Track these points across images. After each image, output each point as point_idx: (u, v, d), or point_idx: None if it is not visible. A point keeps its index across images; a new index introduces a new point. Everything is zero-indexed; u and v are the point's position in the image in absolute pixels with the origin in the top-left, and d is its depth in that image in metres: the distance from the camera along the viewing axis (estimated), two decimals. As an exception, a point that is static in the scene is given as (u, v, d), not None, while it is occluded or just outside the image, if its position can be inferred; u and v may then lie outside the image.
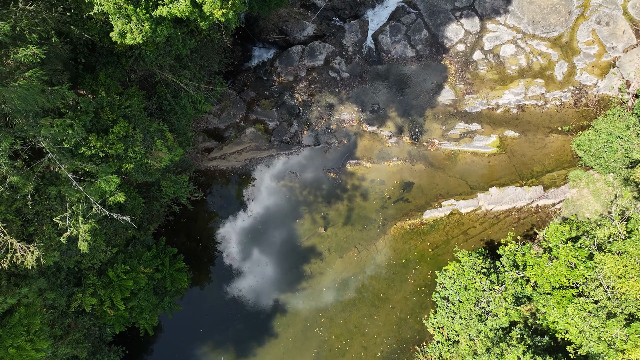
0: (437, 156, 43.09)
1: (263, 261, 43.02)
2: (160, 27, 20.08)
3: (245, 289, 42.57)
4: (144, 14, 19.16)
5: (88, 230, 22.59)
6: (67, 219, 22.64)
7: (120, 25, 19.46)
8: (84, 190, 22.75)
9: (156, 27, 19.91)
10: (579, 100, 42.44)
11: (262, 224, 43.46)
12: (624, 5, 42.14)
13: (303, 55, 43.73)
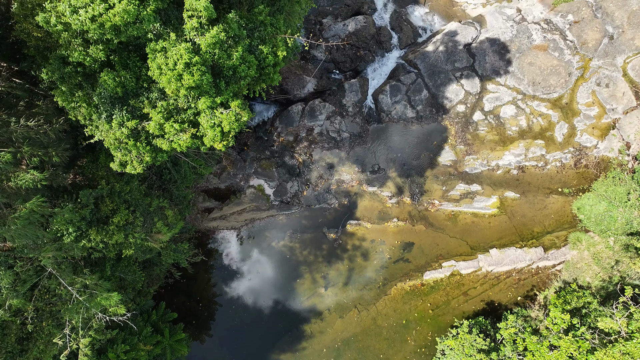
0: (437, 217, 43.05)
1: (263, 321, 42.91)
2: (161, 154, 20.01)
3: (246, 349, 42.47)
4: (144, 147, 19.09)
5: (88, 345, 22.47)
6: (67, 335, 22.52)
7: (121, 156, 19.38)
8: (84, 301, 22.64)
9: (156, 155, 19.84)
10: (579, 162, 42.45)
11: (262, 284, 43.39)
12: (624, 67, 42.17)
13: (303, 115, 43.69)
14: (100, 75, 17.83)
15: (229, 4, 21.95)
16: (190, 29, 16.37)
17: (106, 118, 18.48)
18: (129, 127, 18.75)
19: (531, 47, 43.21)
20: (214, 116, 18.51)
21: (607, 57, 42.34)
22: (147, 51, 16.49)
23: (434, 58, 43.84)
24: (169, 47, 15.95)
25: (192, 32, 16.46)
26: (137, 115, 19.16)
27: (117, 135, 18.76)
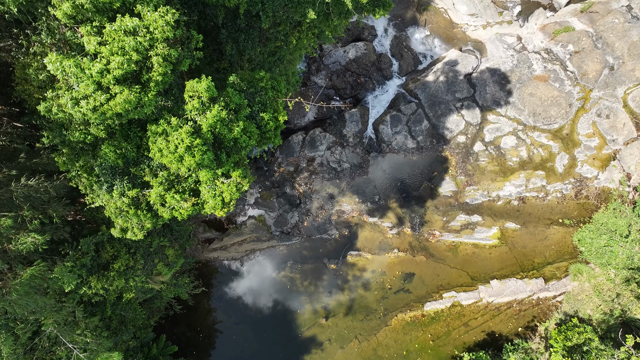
0: (438, 247, 43.02)
1: (264, 351, 42.86)
2: (162, 219, 19.96)
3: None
4: (144, 215, 19.05)
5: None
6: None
7: (122, 223, 19.34)
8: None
9: (157, 220, 19.81)
10: (580, 193, 42.42)
11: (262, 314, 43.33)
12: (624, 98, 42.15)
13: (304, 145, 43.65)
14: (102, 147, 17.80)
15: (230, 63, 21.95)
16: (191, 109, 16.34)
17: (107, 189, 18.45)
18: (130, 197, 18.72)
19: (532, 77, 43.20)
20: (215, 186, 18.48)
21: (607, 88, 42.32)
22: (149, 134, 16.47)
23: (435, 88, 43.82)
24: (170, 132, 15.93)
25: (193, 112, 16.42)
26: (137, 184, 19.13)
27: (118, 204, 18.72)
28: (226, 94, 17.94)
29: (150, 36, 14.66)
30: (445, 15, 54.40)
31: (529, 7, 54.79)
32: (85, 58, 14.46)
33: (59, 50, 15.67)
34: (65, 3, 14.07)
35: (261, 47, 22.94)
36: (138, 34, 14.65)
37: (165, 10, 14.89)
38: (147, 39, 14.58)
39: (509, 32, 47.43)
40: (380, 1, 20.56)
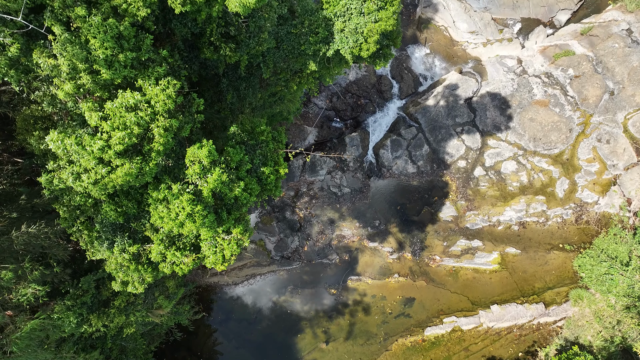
0: (438, 272, 43.02)
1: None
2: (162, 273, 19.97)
3: (247, 407, 42.43)
4: (145, 270, 19.06)
5: None
6: None
7: (122, 277, 19.34)
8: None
9: (157, 273, 19.81)
10: (580, 218, 42.43)
11: (263, 338, 43.31)
12: (625, 124, 42.17)
13: (304, 170, 43.66)
14: (102, 206, 17.81)
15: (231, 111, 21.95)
16: (192, 174, 16.34)
17: (108, 246, 18.45)
18: (131, 252, 18.72)
19: (532, 102, 43.22)
20: (216, 242, 18.49)
21: (607, 113, 42.34)
22: (149, 201, 16.48)
23: (435, 113, 43.83)
24: (171, 199, 15.93)
25: (194, 176, 16.43)
26: (138, 239, 19.13)
27: (119, 260, 18.73)
28: (227, 153, 17.95)
29: (151, 110, 14.66)
30: (445, 33, 54.47)
31: (529, 25, 54.90)
32: (86, 135, 14.47)
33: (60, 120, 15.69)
34: (67, 84, 14.08)
35: (262, 92, 22.95)
36: (139, 108, 14.67)
37: (166, 83, 14.91)
38: (148, 113, 14.60)
39: (510, 54, 47.45)
40: (381, 53, 20.60)
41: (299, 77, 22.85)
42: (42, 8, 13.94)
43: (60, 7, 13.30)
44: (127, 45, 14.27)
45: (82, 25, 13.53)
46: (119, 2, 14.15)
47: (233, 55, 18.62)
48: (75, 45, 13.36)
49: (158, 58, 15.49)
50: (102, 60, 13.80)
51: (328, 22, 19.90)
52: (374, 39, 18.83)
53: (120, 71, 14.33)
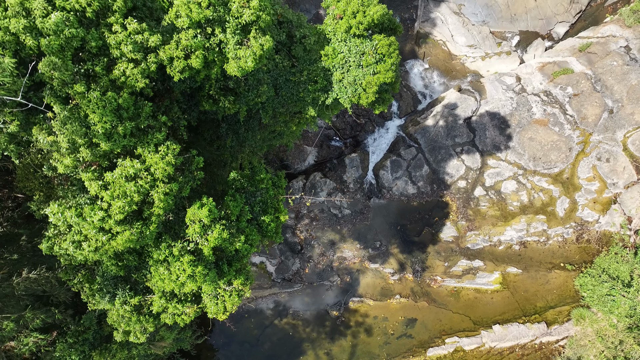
0: (440, 293, 43.03)
1: (267, 399, 42.90)
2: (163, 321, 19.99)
3: None
4: (147, 320, 19.07)
5: None
6: None
7: (124, 327, 19.36)
8: None
9: (159, 322, 19.82)
10: (581, 237, 42.43)
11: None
12: (624, 142, 42.16)
13: (304, 192, 43.64)
14: (103, 261, 17.83)
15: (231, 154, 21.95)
16: (192, 233, 16.36)
17: (109, 299, 18.46)
18: (132, 304, 18.73)
19: (531, 121, 43.22)
20: (217, 294, 18.50)
21: (607, 131, 42.33)
22: (150, 262, 16.51)
23: (434, 133, 43.84)
24: (172, 261, 15.95)
25: (194, 235, 16.44)
26: (139, 290, 19.15)
27: (121, 312, 18.74)
28: (227, 206, 17.96)
29: (151, 177, 14.70)
30: (443, 47, 54.52)
31: (528, 38, 54.95)
32: (86, 206, 14.50)
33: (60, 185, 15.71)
34: (67, 158, 14.10)
35: (261, 133, 22.97)
36: (139, 176, 14.70)
37: (165, 149, 14.94)
38: (148, 181, 14.63)
39: (508, 72, 47.42)
40: (381, 98, 20.61)
41: (298, 118, 22.88)
42: (41, 85, 13.96)
43: (60, 85, 13.32)
44: (126, 115, 14.30)
45: (82, 101, 13.55)
46: (118, 75, 14.18)
47: (232, 106, 18.64)
48: (75, 122, 13.39)
49: (157, 124, 15.52)
50: (102, 134, 13.84)
51: (327, 72, 19.92)
52: (372, 90, 18.87)
53: (119, 142, 14.36)
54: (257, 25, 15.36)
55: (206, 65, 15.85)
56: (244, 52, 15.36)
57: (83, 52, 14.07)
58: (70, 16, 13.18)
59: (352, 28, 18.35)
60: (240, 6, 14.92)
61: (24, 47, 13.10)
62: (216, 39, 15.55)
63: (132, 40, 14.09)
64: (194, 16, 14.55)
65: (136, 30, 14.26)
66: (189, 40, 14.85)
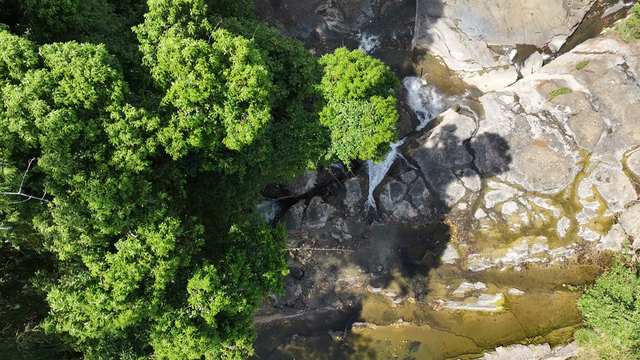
0: (442, 316, 43.05)
1: None
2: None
3: None
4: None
5: None
6: None
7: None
8: None
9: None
10: (583, 257, 42.44)
11: (269, 387, 43.39)
12: (623, 161, 42.16)
13: (305, 217, 43.68)
14: (106, 328, 17.86)
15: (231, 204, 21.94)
16: (194, 302, 16.38)
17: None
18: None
19: (530, 142, 43.22)
20: (220, 354, 18.50)
21: (606, 151, 42.33)
22: (152, 335, 16.52)
23: (434, 155, 43.84)
24: (175, 334, 15.97)
25: (196, 304, 16.46)
26: (142, 350, 19.14)
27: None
28: (228, 269, 17.97)
29: (152, 257, 14.73)
30: (441, 63, 54.56)
31: (525, 51, 54.98)
32: (88, 291, 14.52)
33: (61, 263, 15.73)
34: (67, 246, 14.13)
35: (260, 181, 22.98)
36: (140, 256, 14.73)
37: (166, 226, 14.95)
38: (149, 260, 14.66)
39: (506, 91, 47.40)
40: (380, 150, 20.61)
41: (297, 166, 22.89)
42: (41, 175, 13.97)
43: (59, 177, 13.33)
44: (126, 196, 14.33)
45: (81, 190, 13.57)
46: (117, 162, 14.19)
47: (231, 167, 18.65)
48: (75, 212, 13.41)
49: (157, 201, 15.54)
50: (102, 221, 13.87)
51: (325, 129, 19.94)
52: (371, 149, 18.90)
53: (119, 225, 14.40)
54: (255, 100, 15.37)
55: (205, 139, 15.86)
56: (243, 127, 15.37)
57: (82, 141, 14.08)
58: (69, 111, 13.19)
59: (349, 92, 18.36)
60: (237, 85, 14.93)
61: (23, 143, 13.12)
62: (214, 113, 15.55)
63: (131, 126, 14.10)
64: (192, 99, 14.55)
65: (134, 117, 14.27)
66: (187, 122, 14.85)
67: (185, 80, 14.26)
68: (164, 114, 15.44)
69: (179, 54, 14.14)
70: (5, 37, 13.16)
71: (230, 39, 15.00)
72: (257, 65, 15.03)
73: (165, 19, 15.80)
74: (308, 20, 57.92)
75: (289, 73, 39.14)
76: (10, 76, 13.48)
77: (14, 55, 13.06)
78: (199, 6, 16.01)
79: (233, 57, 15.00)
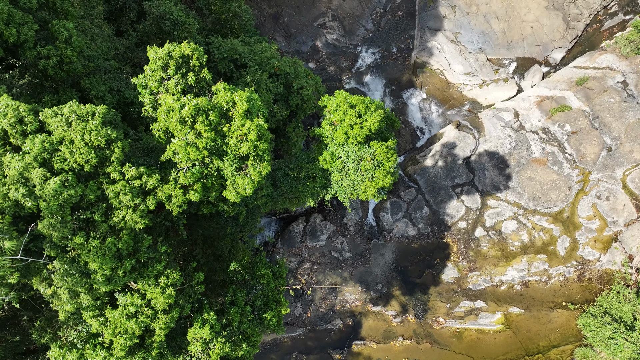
0: (442, 334, 43.06)
1: None
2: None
3: None
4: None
5: None
6: None
7: None
8: None
9: None
10: (583, 275, 42.45)
11: (270, 405, 43.39)
12: (623, 180, 42.17)
13: (305, 235, 43.68)
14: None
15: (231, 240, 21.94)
16: (194, 351, 16.38)
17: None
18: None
19: (530, 160, 43.22)
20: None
21: (606, 170, 42.34)
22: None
23: (434, 173, 43.84)
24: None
25: (197, 352, 16.46)
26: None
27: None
28: (228, 314, 17.97)
29: (152, 311, 14.74)
30: (441, 76, 54.64)
31: (525, 64, 55.06)
32: (88, 349, 14.53)
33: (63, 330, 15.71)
34: (67, 305, 14.14)
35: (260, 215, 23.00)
36: (140, 312, 14.74)
37: (166, 280, 14.96)
38: (149, 315, 14.67)
39: (506, 107, 47.39)
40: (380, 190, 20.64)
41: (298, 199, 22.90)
42: (42, 236, 13.98)
43: (59, 239, 13.35)
44: (126, 252, 14.34)
45: (81, 251, 13.59)
46: (117, 222, 14.20)
47: (231, 210, 18.66)
48: (75, 274, 13.42)
49: (157, 255, 15.55)
50: (102, 281, 13.88)
51: (325, 170, 19.95)
52: (371, 192, 18.91)
53: (119, 282, 14.42)
54: (254, 153, 15.38)
55: (205, 190, 15.86)
56: (242, 181, 15.37)
57: (82, 202, 14.08)
58: (69, 176, 13.21)
59: (349, 139, 18.37)
60: (238, 141, 14.93)
61: (23, 208, 13.13)
62: (214, 166, 15.55)
63: (131, 186, 14.12)
64: (192, 157, 14.56)
65: (134, 176, 14.28)
66: (188, 179, 14.87)
67: (186, 139, 14.28)
68: (164, 167, 15.43)
69: (178, 113, 14.14)
70: (6, 103, 13.16)
71: (230, 95, 14.99)
72: (257, 119, 15.01)
73: (165, 71, 15.81)
74: (308, 33, 57.90)
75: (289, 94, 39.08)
76: (11, 142, 13.49)
77: (15, 123, 13.06)
78: (199, 57, 16.02)
79: (233, 111, 15.01)
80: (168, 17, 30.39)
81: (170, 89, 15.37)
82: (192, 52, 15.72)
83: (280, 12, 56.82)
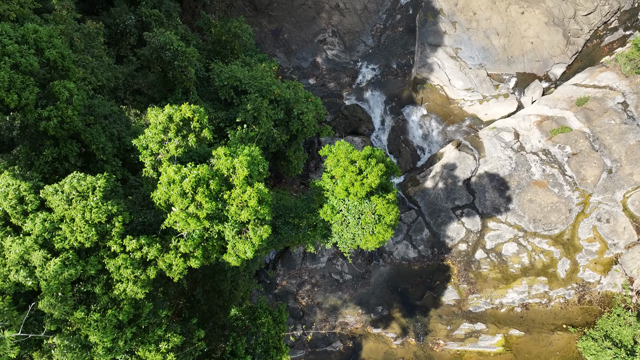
0: (442, 356, 43.05)
1: None
2: None
3: None
4: None
5: None
6: None
7: None
8: None
9: None
10: (583, 298, 42.46)
11: None
12: (624, 202, 42.16)
13: (305, 257, 43.67)
14: None
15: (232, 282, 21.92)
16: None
17: None
18: None
19: (530, 182, 43.21)
20: None
21: (606, 192, 42.33)
22: None
23: (434, 195, 43.83)
24: None
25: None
26: None
27: None
28: None
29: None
30: (441, 92, 54.59)
31: (525, 79, 55.05)
32: None
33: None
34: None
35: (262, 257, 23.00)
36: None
37: (166, 345, 14.93)
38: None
39: (506, 127, 47.32)
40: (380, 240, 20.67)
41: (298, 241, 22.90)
42: (42, 312, 13.98)
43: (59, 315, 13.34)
44: (126, 320, 14.33)
45: (82, 325, 13.57)
46: (118, 294, 14.19)
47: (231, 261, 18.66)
48: (75, 349, 13.41)
49: (157, 320, 15.53)
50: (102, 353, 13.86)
51: (326, 221, 19.95)
52: (372, 245, 18.90)
53: (120, 351, 14.39)
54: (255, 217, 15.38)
55: (205, 253, 15.86)
56: (243, 245, 15.37)
57: (82, 276, 14.08)
58: (70, 254, 13.20)
59: (350, 195, 18.36)
60: (238, 208, 14.92)
61: (23, 287, 13.12)
62: (215, 230, 15.55)
63: (132, 259, 14.11)
64: (192, 227, 14.56)
65: (135, 248, 14.28)
66: (188, 247, 14.86)
67: (186, 211, 14.29)
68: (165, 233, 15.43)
69: (179, 186, 14.13)
70: (7, 182, 13.14)
71: (230, 161, 14.98)
72: (257, 184, 15.00)
73: (166, 133, 15.79)
74: (308, 49, 57.86)
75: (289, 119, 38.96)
76: (12, 222, 13.49)
77: (16, 204, 13.06)
78: (200, 119, 16.00)
79: (234, 177, 15.01)
80: (168, 47, 30.37)
81: (171, 151, 15.37)
82: (193, 114, 15.72)
83: (281, 28, 56.78)
